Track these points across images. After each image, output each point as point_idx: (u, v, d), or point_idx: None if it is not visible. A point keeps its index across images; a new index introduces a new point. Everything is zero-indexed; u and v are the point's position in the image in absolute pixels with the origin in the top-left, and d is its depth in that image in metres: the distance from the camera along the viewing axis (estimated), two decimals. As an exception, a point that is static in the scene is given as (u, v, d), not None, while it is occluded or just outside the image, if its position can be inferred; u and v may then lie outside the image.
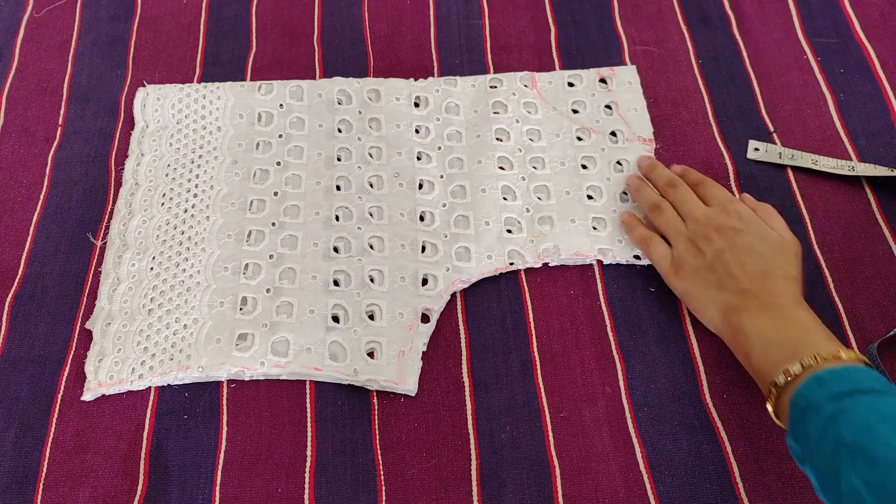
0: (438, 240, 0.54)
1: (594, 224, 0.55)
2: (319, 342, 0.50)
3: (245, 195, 0.56)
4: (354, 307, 0.51)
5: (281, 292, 0.52)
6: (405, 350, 0.50)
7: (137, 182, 0.57)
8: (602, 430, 0.48)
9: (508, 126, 0.59)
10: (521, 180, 0.57)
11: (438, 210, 0.55)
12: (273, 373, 0.49)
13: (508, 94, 0.60)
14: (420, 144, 0.58)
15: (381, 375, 0.49)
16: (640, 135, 0.58)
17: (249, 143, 0.59)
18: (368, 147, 0.58)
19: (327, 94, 0.60)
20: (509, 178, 0.57)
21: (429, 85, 0.61)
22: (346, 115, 0.60)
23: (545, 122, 0.59)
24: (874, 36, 0.63)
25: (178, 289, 0.52)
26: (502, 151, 0.58)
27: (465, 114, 0.60)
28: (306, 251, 0.53)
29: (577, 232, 0.54)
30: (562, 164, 0.57)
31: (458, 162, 0.58)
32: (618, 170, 0.57)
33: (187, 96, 0.61)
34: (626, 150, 0.58)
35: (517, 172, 0.57)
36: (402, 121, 0.59)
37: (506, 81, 0.61)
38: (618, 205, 0.56)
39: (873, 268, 0.53)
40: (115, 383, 0.49)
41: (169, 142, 0.59)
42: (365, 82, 0.61)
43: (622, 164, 0.57)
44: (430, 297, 0.52)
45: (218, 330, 0.50)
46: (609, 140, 0.58)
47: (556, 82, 0.61)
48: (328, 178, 0.57)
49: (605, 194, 0.56)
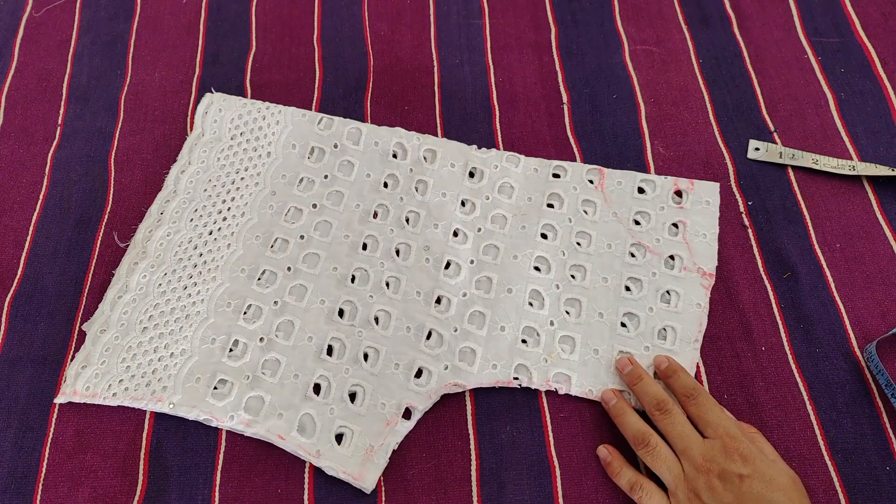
0: (447, 331, 0.50)
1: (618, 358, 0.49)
2: (293, 410, 0.47)
3: (271, 231, 0.54)
4: (339, 382, 0.49)
5: (273, 346, 0.50)
6: (374, 446, 0.46)
7: (176, 191, 0.57)
8: (602, 430, 0.48)
9: (559, 223, 0.54)
10: (555, 288, 0.52)
11: (457, 298, 0.51)
12: (237, 429, 0.47)
13: (569, 187, 0.56)
14: (461, 220, 0.55)
15: (342, 466, 0.46)
16: (700, 266, 0.52)
17: (293, 177, 0.57)
18: (407, 210, 0.55)
19: (384, 143, 0.58)
20: (542, 281, 0.52)
21: (489, 158, 0.57)
22: (396, 171, 0.57)
23: (600, 226, 0.54)
24: (875, 35, 0.63)
25: (177, 313, 0.51)
26: (543, 251, 0.53)
27: (517, 198, 0.55)
28: (311, 306, 0.51)
29: (597, 366, 0.49)
30: (604, 280, 0.52)
31: (494, 250, 0.53)
32: (664, 300, 0.51)
33: (248, 113, 0.60)
34: (679, 281, 0.52)
35: (552, 278, 0.52)
36: (450, 189, 0.56)
37: (570, 172, 0.56)
38: (652, 342, 0.50)
39: (874, 267, 0.53)
40: (90, 395, 0.49)
41: (217, 156, 0.58)
42: (424, 139, 0.58)
43: (671, 296, 0.51)
44: (418, 394, 0.48)
45: (201, 368, 0.49)
46: (664, 264, 0.52)
47: (625, 184, 0.56)
48: (358, 233, 0.54)
49: (641, 325, 0.50)
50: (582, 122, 0.60)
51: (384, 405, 0.48)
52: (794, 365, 0.50)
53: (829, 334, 0.50)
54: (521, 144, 0.59)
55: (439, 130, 0.60)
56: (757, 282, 0.53)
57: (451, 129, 0.60)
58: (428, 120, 0.61)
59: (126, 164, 0.60)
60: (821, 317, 0.51)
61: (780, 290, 0.52)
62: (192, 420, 0.48)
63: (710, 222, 0.54)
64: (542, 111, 0.61)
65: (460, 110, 0.61)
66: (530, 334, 0.51)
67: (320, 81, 0.63)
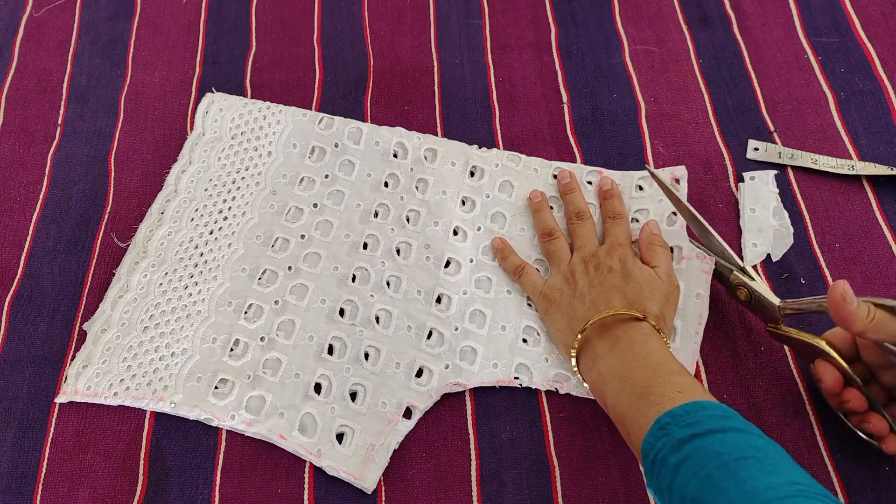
0: (448, 330, 0.50)
1: None
2: (294, 409, 0.48)
3: (272, 231, 0.54)
4: (340, 381, 0.49)
5: (274, 345, 0.50)
6: (376, 445, 0.46)
7: (177, 190, 0.57)
8: (602, 430, 0.48)
9: (559, 224, 0.54)
10: None
11: (458, 296, 0.51)
12: (239, 428, 0.47)
13: None
14: (461, 218, 0.55)
15: (343, 465, 0.46)
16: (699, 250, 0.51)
17: (294, 177, 0.57)
18: (408, 209, 0.55)
19: (385, 143, 0.58)
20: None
21: (490, 157, 0.57)
22: (397, 170, 0.57)
23: (600, 227, 0.54)
24: (875, 35, 0.63)
25: (178, 313, 0.51)
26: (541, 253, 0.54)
27: (517, 197, 0.56)
28: (312, 306, 0.51)
29: None
30: None
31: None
32: None
33: (248, 112, 0.60)
34: (680, 273, 0.51)
35: None
36: (450, 188, 0.56)
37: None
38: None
39: (873, 267, 0.53)
40: (91, 395, 0.49)
41: (218, 156, 0.58)
42: (425, 139, 0.58)
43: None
44: (419, 393, 0.48)
45: (202, 367, 0.49)
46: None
47: (624, 184, 0.55)
48: (359, 232, 0.54)
49: None
50: (582, 122, 0.60)
51: (385, 404, 0.48)
52: (793, 365, 0.50)
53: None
54: (521, 144, 0.59)
55: (439, 130, 0.60)
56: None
57: (451, 129, 0.60)
58: (428, 120, 0.61)
59: (126, 164, 0.60)
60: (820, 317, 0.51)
61: (780, 290, 0.52)
62: (193, 420, 0.48)
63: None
64: (542, 111, 0.61)
65: (460, 110, 0.61)
66: (530, 334, 0.51)
67: (320, 81, 0.63)
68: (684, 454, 0.35)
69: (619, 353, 0.44)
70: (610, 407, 0.43)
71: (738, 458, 0.34)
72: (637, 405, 0.40)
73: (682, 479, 0.35)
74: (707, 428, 0.36)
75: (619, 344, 0.44)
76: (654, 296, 0.47)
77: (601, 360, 0.44)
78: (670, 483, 0.35)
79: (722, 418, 0.37)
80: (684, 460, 0.35)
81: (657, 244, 0.51)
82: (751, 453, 0.34)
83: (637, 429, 0.39)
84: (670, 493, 0.35)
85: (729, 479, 0.33)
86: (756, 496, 0.32)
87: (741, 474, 0.33)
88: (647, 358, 0.43)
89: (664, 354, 0.43)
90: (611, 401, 0.43)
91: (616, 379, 0.43)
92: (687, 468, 0.35)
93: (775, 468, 0.33)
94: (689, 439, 0.36)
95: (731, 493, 0.32)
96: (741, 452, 0.34)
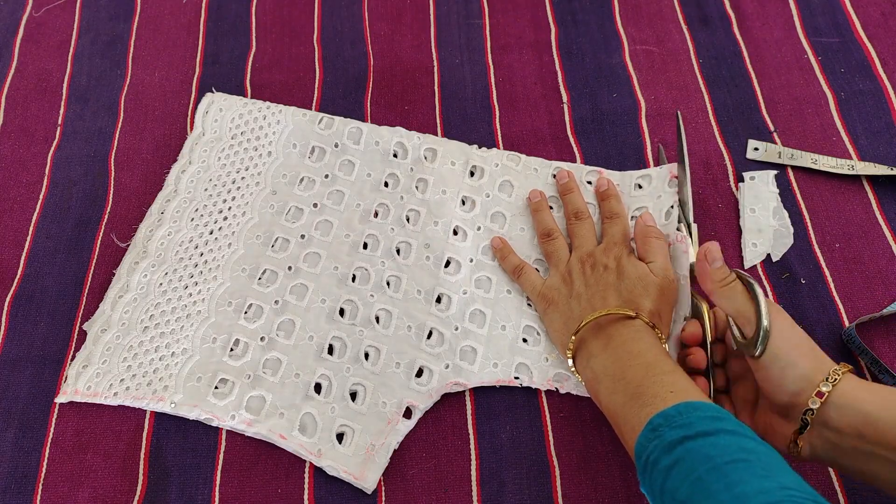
0: (448, 329, 0.50)
1: None
2: (294, 409, 0.48)
3: (272, 231, 0.54)
4: (340, 381, 0.49)
5: (274, 345, 0.50)
6: (376, 444, 0.46)
7: (177, 190, 0.57)
8: (602, 430, 0.48)
9: (558, 225, 0.54)
10: None
11: (458, 296, 0.51)
12: (239, 428, 0.47)
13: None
14: (461, 218, 0.55)
15: (343, 465, 0.46)
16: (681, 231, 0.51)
17: (294, 177, 0.57)
18: (408, 209, 0.55)
19: (385, 143, 0.58)
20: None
21: (490, 157, 0.57)
22: (397, 170, 0.57)
23: (600, 227, 0.54)
24: (875, 35, 0.63)
25: (178, 313, 0.51)
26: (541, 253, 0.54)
27: (517, 197, 0.56)
28: (312, 306, 0.51)
29: None
30: None
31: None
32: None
33: (248, 112, 0.60)
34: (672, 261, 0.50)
35: None
36: (450, 187, 0.56)
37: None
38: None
39: (873, 267, 0.53)
40: (91, 395, 0.49)
41: (218, 156, 0.58)
42: (425, 139, 0.58)
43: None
44: (419, 393, 0.48)
45: (202, 367, 0.49)
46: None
47: (623, 184, 0.55)
48: (359, 232, 0.54)
49: None
50: (582, 121, 0.60)
51: (385, 404, 0.48)
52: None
53: (829, 334, 0.50)
54: (521, 144, 0.59)
55: (439, 130, 0.60)
56: (756, 282, 0.52)
57: (451, 129, 0.60)
58: (428, 120, 0.61)
59: (126, 164, 0.60)
60: (820, 317, 0.51)
61: (780, 290, 0.52)
62: (193, 420, 0.48)
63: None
64: (542, 111, 0.61)
65: (460, 110, 0.61)
66: (530, 333, 0.51)
67: (320, 81, 0.63)
68: (675, 457, 0.35)
69: (612, 351, 0.44)
70: (604, 406, 0.43)
71: (729, 461, 0.34)
72: (630, 405, 0.40)
73: (673, 482, 0.35)
74: (698, 430, 0.36)
75: (611, 342, 0.44)
76: (648, 292, 0.47)
77: (595, 358, 0.44)
78: (662, 485, 0.35)
79: (713, 419, 0.36)
80: (675, 463, 0.35)
81: (652, 236, 0.50)
82: (742, 456, 0.34)
83: (630, 429, 0.39)
84: (662, 495, 0.35)
85: (719, 483, 0.33)
86: (746, 500, 0.32)
87: (731, 478, 0.33)
88: (640, 357, 0.43)
89: (657, 353, 0.43)
90: (605, 400, 0.43)
91: (609, 378, 0.43)
92: (678, 471, 0.35)
93: (766, 472, 0.33)
94: (681, 441, 0.36)
95: (720, 497, 0.32)
96: (732, 455, 0.34)
